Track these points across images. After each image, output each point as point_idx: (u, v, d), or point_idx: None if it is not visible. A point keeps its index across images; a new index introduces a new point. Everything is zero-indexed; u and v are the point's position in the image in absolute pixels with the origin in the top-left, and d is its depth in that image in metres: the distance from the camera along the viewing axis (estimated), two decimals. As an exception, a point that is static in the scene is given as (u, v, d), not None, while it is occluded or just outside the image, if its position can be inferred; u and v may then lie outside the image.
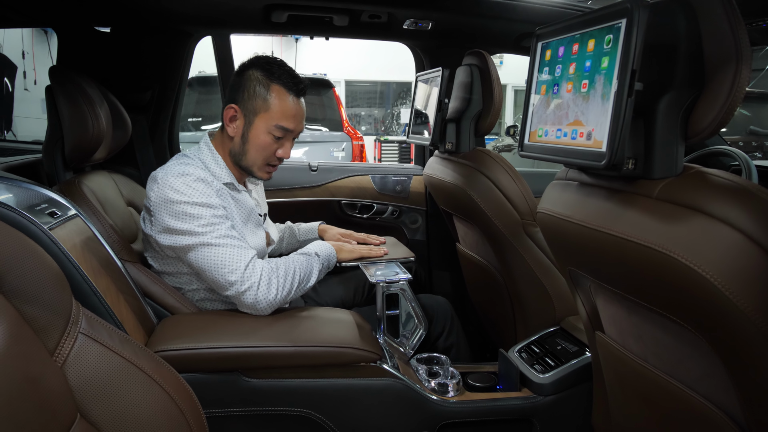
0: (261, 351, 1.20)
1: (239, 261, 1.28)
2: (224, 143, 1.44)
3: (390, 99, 11.73)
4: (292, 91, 1.40)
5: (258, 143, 1.40)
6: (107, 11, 1.74)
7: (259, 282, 1.28)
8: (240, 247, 1.30)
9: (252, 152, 1.41)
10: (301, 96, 1.44)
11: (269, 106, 1.38)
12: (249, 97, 1.39)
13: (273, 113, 1.38)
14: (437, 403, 1.30)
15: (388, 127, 11.23)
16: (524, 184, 1.57)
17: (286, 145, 1.44)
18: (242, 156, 1.42)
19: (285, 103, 1.39)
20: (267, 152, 1.42)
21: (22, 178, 1.19)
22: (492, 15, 1.80)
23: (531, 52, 1.00)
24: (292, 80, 1.40)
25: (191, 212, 1.27)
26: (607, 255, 0.87)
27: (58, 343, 0.82)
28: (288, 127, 1.40)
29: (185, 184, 1.28)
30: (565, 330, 1.52)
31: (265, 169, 1.45)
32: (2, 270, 0.76)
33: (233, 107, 1.40)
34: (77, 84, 1.38)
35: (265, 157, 1.42)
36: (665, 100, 0.80)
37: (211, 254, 1.28)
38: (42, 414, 0.75)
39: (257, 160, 1.42)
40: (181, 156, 1.42)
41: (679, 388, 0.88)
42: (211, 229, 1.28)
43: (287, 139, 1.43)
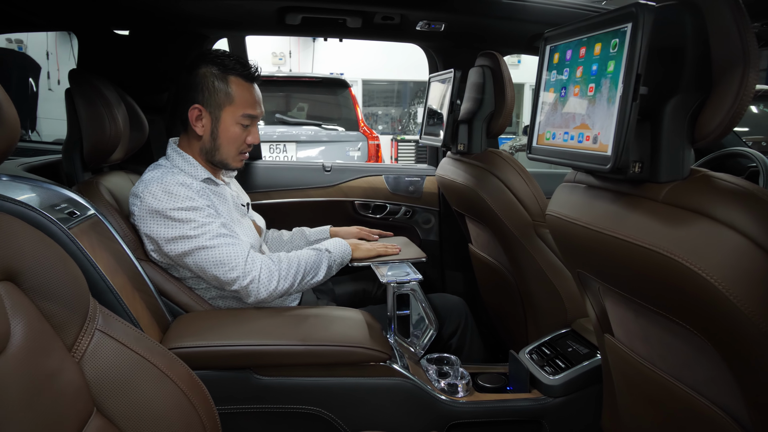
0: (272, 349, 1.22)
1: (237, 257, 1.32)
2: (191, 144, 1.48)
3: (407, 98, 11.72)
4: (249, 80, 1.46)
5: (229, 136, 1.45)
6: (126, 15, 1.79)
7: (259, 274, 1.33)
8: (234, 244, 1.34)
9: (224, 146, 1.46)
10: (256, 82, 1.49)
11: (232, 98, 1.43)
12: (210, 94, 1.42)
13: (237, 104, 1.43)
14: (446, 403, 1.31)
15: (405, 126, 11.22)
16: (535, 186, 1.57)
17: (254, 131, 1.49)
18: (215, 152, 1.46)
19: (245, 93, 1.44)
20: (238, 142, 1.47)
21: (42, 179, 1.22)
22: (505, 16, 1.79)
23: (539, 55, 1.01)
24: (246, 69, 1.45)
25: (180, 217, 1.31)
26: (613, 258, 0.87)
27: (76, 339, 0.85)
28: (254, 114, 1.46)
29: (166, 191, 1.32)
30: (577, 332, 1.52)
31: (238, 158, 1.50)
32: (22, 268, 0.79)
33: (197, 107, 1.42)
34: (95, 86, 1.41)
35: (237, 147, 1.48)
36: (672, 104, 0.80)
37: (209, 256, 1.32)
38: (60, 407, 0.78)
39: (230, 151, 1.47)
40: (154, 167, 1.46)
41: (686, 391, 0.87)
42: (204, 231, 1.32)
43: (253, 125, 1.49)
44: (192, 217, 1.32)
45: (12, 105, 0.75)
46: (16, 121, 0.76)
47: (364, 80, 11.12)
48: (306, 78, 5.52)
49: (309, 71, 9.66)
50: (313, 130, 5.10)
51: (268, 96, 5.10)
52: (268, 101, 5.09)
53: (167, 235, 1.32)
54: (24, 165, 1.44)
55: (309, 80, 5.46)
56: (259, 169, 2.27)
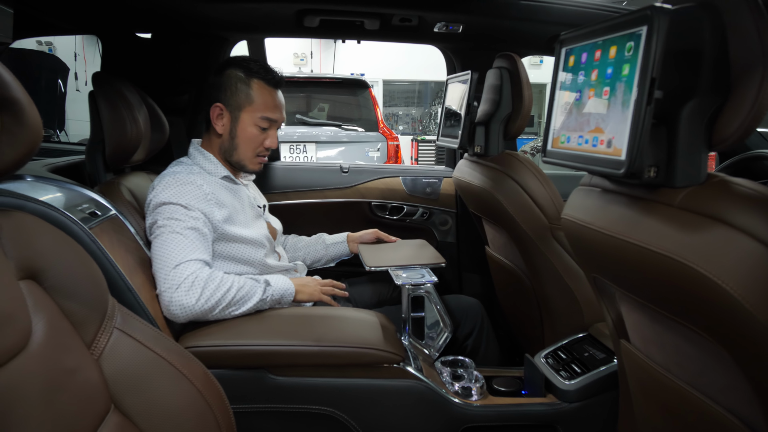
0: (286, 349, 1.24)
1: (173, 258, 1.25)
2: (212, 142, 1.52)
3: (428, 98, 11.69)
4: (271, 84, 1.49)
5: (246, 136, 1.48)
6: (148, 19, 1.82)
7: (180, 284, 1.22)
8: (186, 247, 1.27)
9: (241, 146, 1.49)
10: (280, 87, 1.52)
11: (252, 100, 1.47)
12: (232, 94, 1.47)
13: (257, 106, 1.47)
14: (460, 406, 1.30)
15: (426, 127, 11.19)
16: (552, 188, 1.55)
17: (272, 135, 1.51)
18: (232, 151, 1.50)
19: (266, 96, 1.48)
20: (255, 144, 1.50)
21: (65, 179, 1.26)
22: (523, 17, 1.78)
23: (555, 58, 1.00)
24: (270, 74, 1.49)
25: (167, 209, 1.32)
26: (627, 263, 0.86)
27: (95, 336, 0.87)
28: (272, 117, 1.49)
29: (170, 186, 1.35)
30: (594, 337, 1.50)
31: (255, 160, 1.53)
32: (44, 266, 0.81)
33: (218, 106, 1.47)
34: (117, 89, 1.45)
35: (254, 149, 1.50)
36: (689, 107, 0.78)
37: (157, 246, 1.28)
38: (78, 403, 0.80)
39: (247, 152, 1.50)
40: (176, 163, 1.50)
41: (702, 399, 0.86)
42: (172, 223, 1.30)
43: (272, 129, 1.52)
44: (174, 210, 1.31)
45: (35, 108, 0.77)
46: (39, 124, 0.78)
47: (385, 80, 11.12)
48: (326, 79, 5.55)
49: (330, 72, 9.70)
50: (332, 131, 5.13)
51: (290, 97, 5.14)
52: (290, 102, 5.12)
53: (150, 221, 1.34)
54: (48, 166, 1.48)
55: (329, 81, 5.49)
56: (277, 170, 2.29)
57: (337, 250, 1.82)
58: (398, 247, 1.76)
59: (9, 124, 0.74)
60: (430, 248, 1.72)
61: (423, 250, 1.71)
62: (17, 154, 0.76)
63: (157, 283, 1.25)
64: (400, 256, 1.64)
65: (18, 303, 0.75)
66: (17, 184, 1.12)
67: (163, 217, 1.31)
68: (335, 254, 1.83)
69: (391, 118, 11.64)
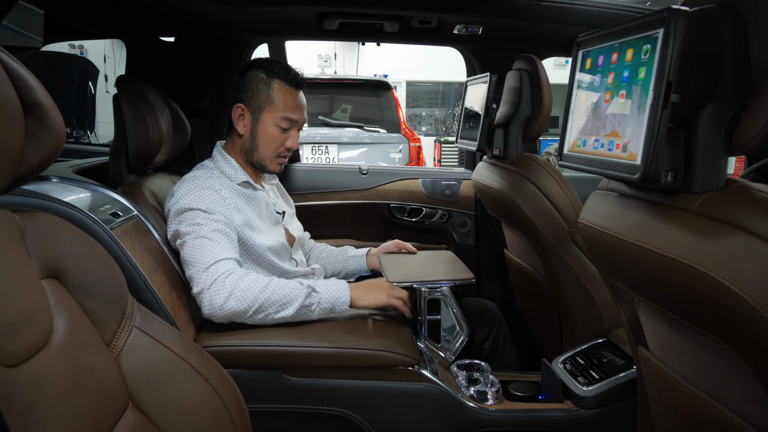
0: (301, 350, 1.24)
1: (204, 260, 1.27)
2: (234, 143, 1.53)
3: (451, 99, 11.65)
4: (292, 85, 1.50)
5: (266, 136, 1.49)
6: (171, 23, 1.86)
7: (212, 284, 1.24)
8: (215, 248, 1.28)
9: (262, 146, 1.50)
10: (301, 88, 1.53)
11: (273, 100, 1.48)
12: (253, 94, 1.48)
13: (277, 106, 1.48)
14: (475, 410, 1.30)
15: (449, 128, 11.15)
16: (572, 191, 1.53)
17: (293, 136, 1.52)
18: (253, 151, 1.51)
19: (287, 96, 1.48)
20: (276, 144, 1.50)
21: (89, 181, 1.29)
22: (544, 18, 1.76)
23: (572, 61, 0.99)
24: (291, 75, 1.50)
25: (189, 215, 1.33)
26: (643, 269, 0.85)
27: (114, 335, 0.89)
28: (293, 117, 1.49)
29: (189, 192, 1.36)
30: (613, 342, 1.48)
31: (276, 161, 1.53)
32: (66, 266, 0.84)
33: (240, 106, 1.49)
34: (140, 92, 1.48)
35: (275, 149, 1.51)
36: (708, 111, 0.77)
37: (187, 252, 1.30)
38: (98, 400, 0.82)
39: (268, 152, 1.51)
40: (198, 167, 1.52)
41: (720, 410, 0.84)
42: (196, 229, 1.31)
43: (293, 130, 1.52)
44: (197, 216, 1.33)
45: (58, 111, 0.79)
46: (62, 127, 0.80)
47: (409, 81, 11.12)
48: (349, 80, 5.58)
49: (354, 73, 9.74)
50: (354, 132, 5.15)
51: (312, 98, 5.17)
52: (312, 103, 5.16)
53: (174, 229, 1.35)
54: (74, 167, 1.52)
55: (352, 82, 5.51)
56: (296, 171, 2.31)
57: (355, 263, 1.77)
58: (427, 263, 1.63)
59: (33, 127, 0.76)
60: (457, 262, 1.60)
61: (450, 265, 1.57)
62: (41, 156, 0.78)
63: (193, 286, 1.27)
64: (425, 270, 1.53)
65: (41, 301, 0.77)
66: (42, 185, 1.15)
67: (186, 224, 1.32)
68: (353, 268, 1.77)
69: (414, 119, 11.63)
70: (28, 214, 0.81)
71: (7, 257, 0.74)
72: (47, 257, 0.81)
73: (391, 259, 1.61)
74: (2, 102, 0.71)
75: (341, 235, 2.28)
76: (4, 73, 0.73)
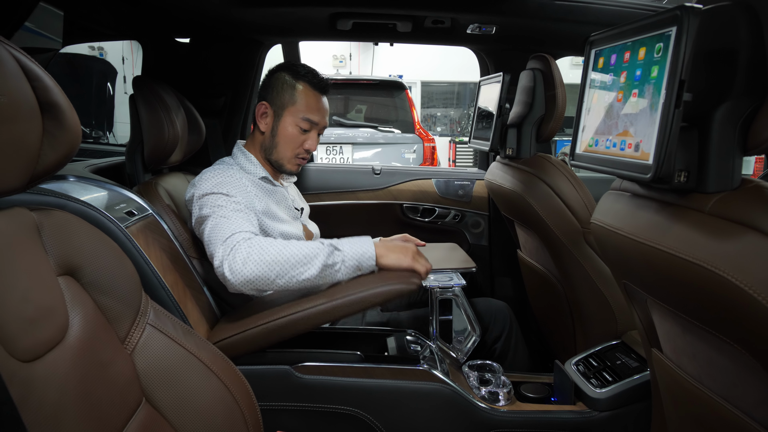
0: (303, 314, 1.19)
1: (223, 234, 1.25)
2: (255, 140, 1.56)
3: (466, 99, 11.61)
4: (317, 88, 1.53)
5: (286, 135, 1.52)
6: (187, 24, 1.88)
7: (230, 251, 1.21)
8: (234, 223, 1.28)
9: (281, 145, 1.53)
10: (325, 93, 1.56)
11: (296, 100, 1.51)
12: (277, 94, 1.52)
13: (299, 107, 1.51)
14: (486, 411, 1.29)
15: (464, 128, 11.11)
16: (585, 191, 1.52)
17: (312, 137, 1.54)
18: (272, 149, 1.54)
19: (310, 98, 1.52)
20: (295, 144, 1.53)
21: (106, 180, 1.31)
22: (558, 17, 1.75)
23: (584, 60, 0.98)
24: (316, 78, 1.53)
25: (211, 199, 1.35)
26: (656, 270, 0.84)
27: (128, 332, 0.90)
28: (313, 119, 1.52)
29: (210, 179, 1.39)
30: (627, 344, 1.46)
31: (294, 161, 1.55)
32: (82, 263, 0.85)
33: (264, 103, 1.53)
34: (156, 92, 1.50)
35: (293, 149, 1.53)
36: (722, 110, 0.76)
37: (207, 231, 1.30)
38: (112, 395, 0.83)
39: (286, 152, 1.53)
40: (217, 163, 1.54)
41: (735, 413, 0.83)
42: (217, 210, 1.32)
43: (313, 132, 1.54)
44: (218, 199, 1.34)
45: (74, 111, 0.81)
46: (78, 127, 0.81)
47: (424, 82, 11.11)
48: (364, 80, 5.59)
49: (369, 73, 9.76)
50: (369, 132, 5.16)
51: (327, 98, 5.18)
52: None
53: (197, 214, 1.36)
54: (90, 166, 1.54)
55: (367, 83, 5.52)
56: (310, 171, 2.32)
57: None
58: (428, 250, 1.72)
59: (50, 126, 0.78)
60: (460, 252, 1.71)
61: (453, 253, 1.69)
62: (58, 155, 0.80)
63: (214, 262, 1.23)
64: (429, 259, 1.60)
65: (57, 298, 0.79)
66: (60, 184, 1.17)
67: (208, 206, 1.34)
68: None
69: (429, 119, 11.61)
70: (45, 212, 0.83)
71: (24, 254, 0.75)
72: (63, 255, 0.82)
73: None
74: (20, 102, 0.73)
75: (353, 235, 2.29)
76: (23, 74, 0.74)
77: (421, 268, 1.28)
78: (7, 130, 0.71)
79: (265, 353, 1.26)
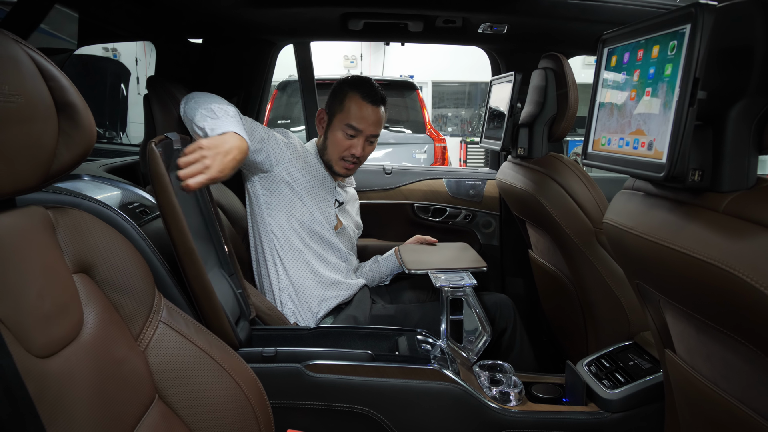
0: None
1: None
2: (318, 140, 1.77)
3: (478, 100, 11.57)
4: (366, 99, 1.67)
5: (334, 139, 1.68)
6: (199, 25, 1.89)
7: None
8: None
9: (330, 147, 1.70)
10: (376, 105, 1.68)
11: (344, 108, 1.67)
12: (333, 102, 1.70)
13: (345, 114, 1.66)
14: (497, 411, 1.29)
15: (475, 128, 11.08)
16: (598, 191, 1.51)
17: (357, 144, 1.67)
18: (324, 150, 1.72)
19: (356, 107, 1.66)
20: (340, 148, 1.68)
21: (119, 179, 1.33)
22: (570, 16, 1.74)
23: (597, 58, 0.98)
24: (370, 91, 1.68)
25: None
26: (670, 270, 0.83)
27: (142, 329, 0.91)
28: (357, 126, 1.66)
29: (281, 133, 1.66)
30: (640, 345, 1.45)
31: (340, 163, 1.70)
32: (96, 261, 0.86)
33: (322, 110, 1.73)
34: (170, 92, 1.51)
35: (339, 152, 1.68)
36: (737, 108, 0.75)
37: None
38: (125, 392, 0.84)
39: (333, 154, 1.69)
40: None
41: (750, 415, 0.82)
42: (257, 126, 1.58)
43: (358, 139, 1.67)
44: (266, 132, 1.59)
45: (89, 111, 0.82)
46: (93, 127, 0.82)
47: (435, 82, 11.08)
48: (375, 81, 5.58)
49: (380, 74, 9.76)
50: (380, 132, 5.15)
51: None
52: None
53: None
54: (105, 166, 1.56)
55: (378, 83, 5.52)
56: None
57: (387, 264, 1.87)
58: (439, 250, 1.75)
59: (66, 126, 0.79)
60: (471, 251, 1.71)
61: (464, 253, 1.70)
62: (73, 155, 0.81)
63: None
64: (441, 258, 1.63)
65: (72, 295, 0.80)
66: (75, 183, 1.19)
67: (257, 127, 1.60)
68: (387, 269, 1.87)
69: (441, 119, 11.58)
70: (60, 211, 0.84)
71: (40, 252, 0.76)
72: (78, 253, 0.83)
73: (409, 250, 1.78)
74: (37, 102, 0.74)
75: (365, 235, 2.29)
76: (39, 75, 0.75)
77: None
78: (24, 130, 0.72)
79: (277, 352, 1.26)
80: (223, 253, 1.36)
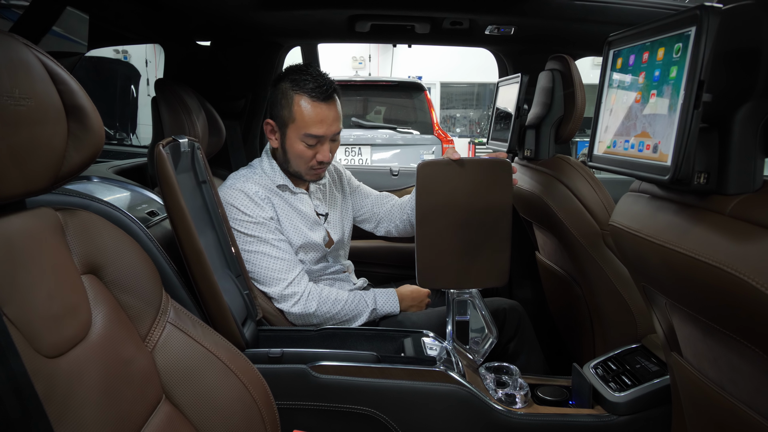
0: None
1: (281, 273, 1.47)
2: (276, 152, 1.57)
3: (486, 100, 11.55)
4: (317, 98, 1.45)
5: (294, 152, 1.49)
6: (208, 27, 1.91)
7: (303, 298, 1.48)
8: (287, 260, 1.48)
9: (293, 160, 1.51)
10: (329, 99, 1.47)
11: (294, 117, 1.46)
12: (280, 109, 1.48)
13: (299, 123, 1.46)
14: (503, 413, 1.28)
15: (484, 129, 11.06)
16: (605, 193, 1.50)
17: (322, 150, 1.50)
18: (287, 164, 1.54)
19: (309, 112, 1.45)
20: (305, 159, 1.50)
21: (128, 181, 1.34)
22: (578, 18, 1.74)
23: (602, 60, 0.98)
24: (317, 87, 1.45)
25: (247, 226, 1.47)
26: (676, 273, 0.83)
27: (149, 329, 0.92)
28: (316, 134, 1.46)
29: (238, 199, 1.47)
30: (647, 348, 1.44)
31: (311, 173, 1.54)
32: (104, 262, 0.87)
33: (269, 122, 1.52)
34: (178, 94, 1.52)
35: (306, 163, 1.51)
36: (743, 111, 0.74)
37: (257, 259, 1.47)
38: (133, 392, 0.84)
39: (300, 166, 1.52)
40: (247, 167, 1.59)
41: (758, 420, 0.81)
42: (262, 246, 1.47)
43: (322, 144, 1.49)
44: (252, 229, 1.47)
45: (98, 114, 0.83)
46: (102, 129, 0.84)
47: (443, 83, 11.08)
48: (383, 82, 5.59)
49: (388, 75, 9.77)
50: (388, 134, 5.16)
51: (346, 100, 5.21)
52: (346, 105, 5.19)
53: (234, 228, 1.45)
54: (114, 167, 1.58)
55: (386, 84, 5.53)
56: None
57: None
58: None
59: (75, 129, 0.80)
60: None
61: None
62: (82, 157, 0.82)
63: (270, 293, 1.48)
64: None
65: (80, 295, 0.81)
66: (84, 185, 1.20)
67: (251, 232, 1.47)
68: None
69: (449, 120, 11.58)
70: (69, 212, 0.85)
71: (49, 253, 0.78)
72: (87, 254, 0.84)
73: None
74: (46, 105, 0.75)
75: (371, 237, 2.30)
76: (49, 78, 0.76)
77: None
78: (34, 133, 0.73)
79: (283, 353, 1.27)
80: (230, 254, 1.37)
